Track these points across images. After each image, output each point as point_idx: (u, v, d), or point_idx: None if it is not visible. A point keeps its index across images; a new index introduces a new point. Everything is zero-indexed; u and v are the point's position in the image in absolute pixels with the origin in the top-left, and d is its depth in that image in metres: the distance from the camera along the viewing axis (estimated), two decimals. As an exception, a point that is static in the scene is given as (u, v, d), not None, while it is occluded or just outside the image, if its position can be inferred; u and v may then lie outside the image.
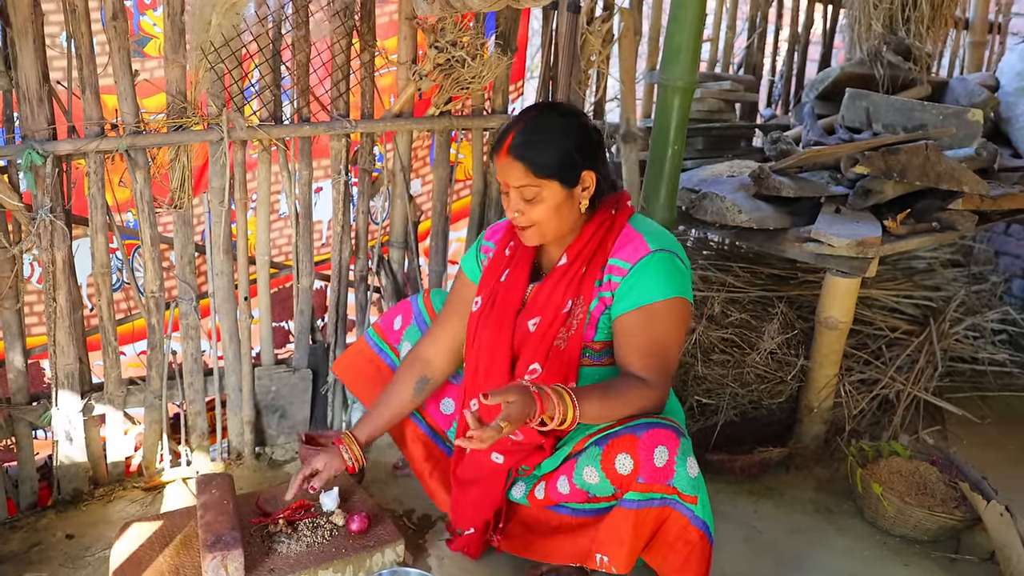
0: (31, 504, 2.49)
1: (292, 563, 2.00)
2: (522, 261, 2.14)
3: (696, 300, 2.85)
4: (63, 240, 2.30)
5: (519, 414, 1.78)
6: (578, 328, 2.02)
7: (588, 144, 2.02)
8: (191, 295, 2.54)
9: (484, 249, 2.26)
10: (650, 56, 3.70)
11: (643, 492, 1.90)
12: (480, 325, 2.14)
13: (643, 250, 1.99)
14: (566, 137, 1.98)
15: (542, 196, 1.97)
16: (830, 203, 2.90)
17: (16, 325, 2.37)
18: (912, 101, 3.42)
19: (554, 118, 2.03)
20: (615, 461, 1.93)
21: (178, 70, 2.36)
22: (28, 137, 2.21)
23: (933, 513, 2.46)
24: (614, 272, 2.01)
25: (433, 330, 2.30)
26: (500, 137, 2.03)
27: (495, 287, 2.16)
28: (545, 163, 1.96)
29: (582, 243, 2.05)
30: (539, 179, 1.96)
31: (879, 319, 3.24)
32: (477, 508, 2.19)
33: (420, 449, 2.37)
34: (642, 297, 1.97)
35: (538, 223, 2.00)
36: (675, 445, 1.90)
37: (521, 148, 1.96)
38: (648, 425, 1.92)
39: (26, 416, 2.43)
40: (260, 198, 2.61)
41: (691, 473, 1.91)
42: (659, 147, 2.75)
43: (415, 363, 2.28)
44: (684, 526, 1.93)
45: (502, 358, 2.08)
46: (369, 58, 2.66)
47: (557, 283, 2.05)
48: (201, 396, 2.65)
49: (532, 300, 2.09)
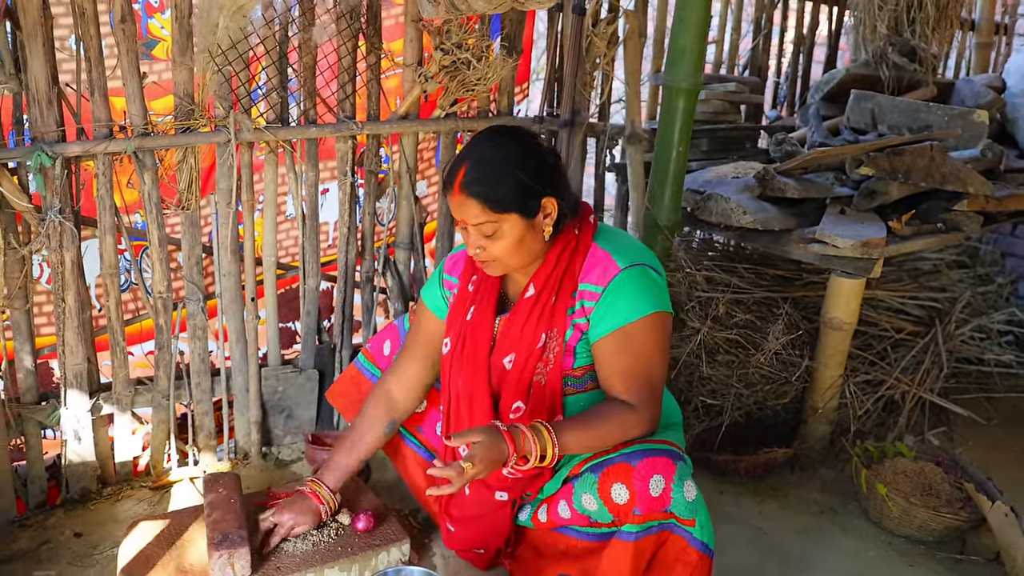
0: (40, 503, 2.51)
1: (298, 561, 2.01)
2: (487, 295, 2.07)
3: (701, 301, 2.86)
4: (72, 241, 2.32)
5: (485, 455, 1.75)
6: (556, 361, 1.97)
7: (545, 169, 1.92)
8: (198, 296, 2.56)
9: (447, 284, 2.17)
10: (655, 58, 3.71)
11: (640, 523, 1.84)
12: (454, 369, 2.08)
13: (612, 270, 1.91)
14: (521, 166, 1.87)
15: (503, 231, 1.88)
16: (835, 204, 2.90)
17: (25, 325, 2.39)
18: (918, 102, 3.42)
19: (507, 145, 1.90)
20: (611, 490, 1.87)
21: (186, 72, 2.38)
22: (37, 139, 2.23)
23: (938, 514, 2.46)
24: (586, 297, 1.94)
25: (399, 364, 2.22)
26: (450, 173, 1.90)
27: (463, 326, 2.07)
28: (502, 197, 1.85)
29: (548, 270, 1.97)
30: (497, 214, 1.86)
31: (884, 320, 3.24)
32: (487, 539, 2.16)
33: (422, 476, 2.28)
34: (618, 319, 1.90)
35: (500, 258, 1.92)
36: (671, 472, 1.83)
37: (474, 184, 1.85)
38: (643, 453, 1.86)
39: (35, 415, 2.45)
40: (267, 200, 2.63)
41: (688, 497, 1.83)
42: (664, 149, 2.76)
43: (381, 403, 2.20)
44: (683, 548, 1.88)
45: (482, 400, 2.02)
46: (375, 60, 2.68)
47: (528, 316, 1.98)
48: (208, 396, 2.67)
49: (503, 335, 2.02)
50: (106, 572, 2.21)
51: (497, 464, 1.78)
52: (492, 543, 2.17)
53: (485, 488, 2.06)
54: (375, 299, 2.92)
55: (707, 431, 2.85)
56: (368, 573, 2.06)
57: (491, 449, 1.76)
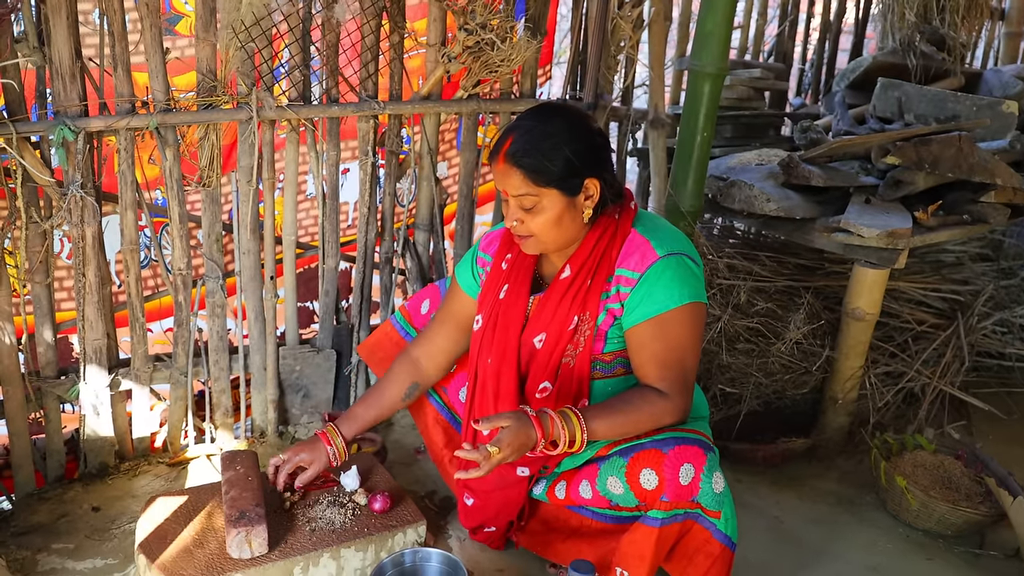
0: (58, 476, 2.53)
1: (315, 540, 2.02)
2: (521, 274, 2.06)
3: (722, 288, 2.84)
4: (93, 216, 2.32)
5: (512, 439, 1.76)
6: (586, 344, 1.96)
7: (592, 149, 1.91)
8: (218, 273, 2.56)
9: (481, 262, 2.17)
10: (679, 43, 3.67)
11: (667, 511, 1.85)
12: (484, 347, 2.08)
13: (651, 257, 1.90)
14: (569, 142, 1.86)
15: (542, 206, 1.87)
16: (860, 193, 2.86)
17: (46, 299, 2.39)
18: (945, 92, 3.38)
19: (556, 121, 1.89)
20: (640, 475, 1.87)
21: (208, 49, 2.37)
22: (60, 113, 2.23)
23: (957, 508, 2.44)
24: (622, 283, 1.92)
25: (428, 333, 2.25)
26: (498, 141, 1.90)
27: (495, 305, 2.07)
28: (545, 171, 1.84)
29: (585, 253, 1.95)
30: (539, 188, 1.85)
31: (906, 312, 3.21)
32: (500, 512, 2.17)
33: (440, 435, 2.35)
34: (654, 307, 1.88)
35: (538, 234, 1.91)
36: (702, 462, 1.83)
37: (520, 154, 1.85)
38: (676, 440, 1.86)
39: (55, 389, 2.46)
40: (287, 178, 2.62)
41: (716, 489, 1.84)
42: (688, 134, 2.73)
43: (407, 366, 2.23)
44: (706, 539, 1.89)
45: (509, 378, 2.03)
46: (398, 39, 2.66)
47: (562, 298, 1.97)
48: (226, 374, 2.67)
49: (535, 315, 2.02)
50: (124, 546, 2.22)
51: (524, 449, 1.79)
52: (504, 516, 2.18)
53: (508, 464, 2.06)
54: (394, 280, 2.92)
55: (725, 419, 2.83)
56: (384, 553, 2.06)
57: (519, 434, 1.77)
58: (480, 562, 2.21)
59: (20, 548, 2.20)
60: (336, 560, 2.02)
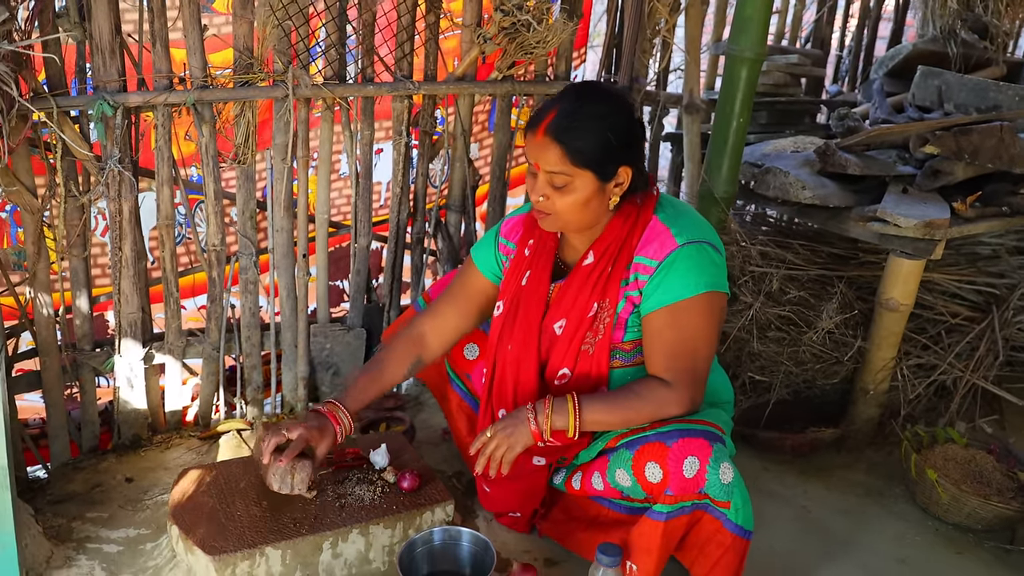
0: (92, 447, 2.57)
1: (344, 517, 2.03)
2: (543, 260, 2.05)
3: (754, 276, 2.81)
4: (130, 191, 2.34)
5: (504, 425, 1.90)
6: (606, 332, 1.95)
7: (632, 138, 1.88)
8: (251, 251, 2.58)
9: (504, 249, 2.15)
10: (716, 27, 3.63)
11: (672, 504, 1.83)
12: (504, 333, 2.07)
13: (670, 245, 1.87)
14: (612, 128, 1.83)
15: (574, 186, 1.84)
16: (896, 183, 2.82)
17: (83, 273, 2.43)
18: (987, 81, 3.32)
19: (602, 104, 1.85)
20: (644, 468, 1.86)
21: (246, 26, 2.37)
22: (99, 88, 2.24)
23: (988, 502, 2.41)
24: (640, 270, 1.90)
25: (438, 309, 2.20)
26: (539, 113, 1.86)
27: (517, 291, 2.06)
28: (584, 151, 1.81)
29: (608, 239, 1.94)
30: (574, 168, 1.82)
31: (939, 304, 3.17)
32: (522, 500, 2.18)
33: (464, 421, 2.36)
34: (668, 295, 1.86)
35: (561, 213, 1.88)
36: (707, 453, 1.80)
37: (561, 131, 1.81)
38: (680, 432, 1.83)
39: (90, 361, 2.50)
40: (321, 157, 2.63)
41: (724, 479, 1.81)
42: (724, 119, 2.71)
43: (412, 342, 2.18)
44: (717, 528, 1.87)
45: (529, 364, 2.02)
46: (434, 20, 2.65)
47: (583, 284, 1.96)
48: (257, 350, 2.70)
49: (556, 301, 2.01)
50: (156, 517, 2.26)
51: (517, 434, 1.88)
52: (528, 506, 2.19)
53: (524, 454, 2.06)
54: (425, 261, 2.92)
55: (754, 407, 2.82)
56: (412, 531, 2.08)
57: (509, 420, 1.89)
58: (507, 543, 2.22)
59: (56, 516, 2.24)
60: (365, 536, 2.03)
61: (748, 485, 1.89)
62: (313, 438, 2.00)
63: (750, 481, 2.57)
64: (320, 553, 1.99)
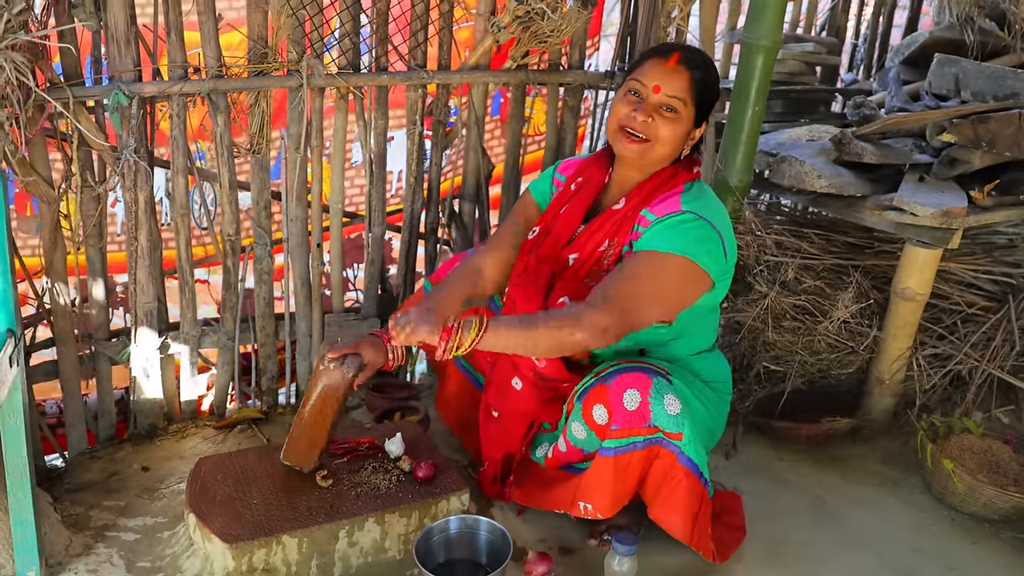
0: (109, 436, 2.59)
1: (360, 506, 2.04)
2: (583, 198, 2.16)
3: (769, 265, 2.80)
4: (146, 180, 2.35)
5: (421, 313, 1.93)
6: (608, 267, 2.04)
7: (714, 102, 2.08)
8: (265, 240, 2.58)
9: (556, 182, 2.27)
10: (730, 15, 3.61)
11: (620, 439, 1.88)
12: (529, 252, 2.17)
13: (673, 208, 1.97)
14: (716, 84, 2.05)
15: (681, 117, 1.98)
16: (913, 171, 2.80)
17: (99, 262, 2.44)
18: (1005, 68, 3.28)
19: (713, 64, 2.07)
20: (592, 412, 1.94)
21: (260, 15, 2.37)
22: (115, 78, 2.25)
23: (1005, 492, 2.40)
24: (641, 223, 2.00)
25: (495, 245, 2.29)
26: (664, 46, 2.08)
27: (553, 219, 2.18)
28: (704, 91, 1.99)
29: (643, 191, 2.04)
30: (692, 101, 1.98)
31: (956, 293, 3.15)
32: (494, 443, 2.25)
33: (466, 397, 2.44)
34: (646, 243, 1.96)
35: (661, 141, 1.99)
36: (646, 385, 1.87)
37: (694, 65, 1.98)
38: (617, 371, 1.91)
39: (106, 351, 2.51)
40: (335, 146, 2.63)
41: (670, 410, 1.87)
42: (739, 108, 2.69)
43: (469, 277, 2.26)
44: (672, 463, 1.91)
45: (539, 287, 2.08)
46: (448, 9, 2.64)
47: (603, 223, 2.07)
48: (272, 340, 2.71)
49: (580, 236, 2.12)
50: (172, 506, 2.27)
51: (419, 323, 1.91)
52: (499, 448, 2.25)
53: (511, 367, 2.15)
54: (439, 250, 2.92)
55: (769, 397, 2.81)
56: (428, 520, 2.08)
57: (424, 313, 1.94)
58: (521, 532, 2.22)
59: (74, 504, 2.25)
60: (381, 525, 2.04)
61: (762, 475, 1.90)
62: (366, 351, 2.06)
63: (764, 470, 2.58)
64: (336, 541, 2.00)
